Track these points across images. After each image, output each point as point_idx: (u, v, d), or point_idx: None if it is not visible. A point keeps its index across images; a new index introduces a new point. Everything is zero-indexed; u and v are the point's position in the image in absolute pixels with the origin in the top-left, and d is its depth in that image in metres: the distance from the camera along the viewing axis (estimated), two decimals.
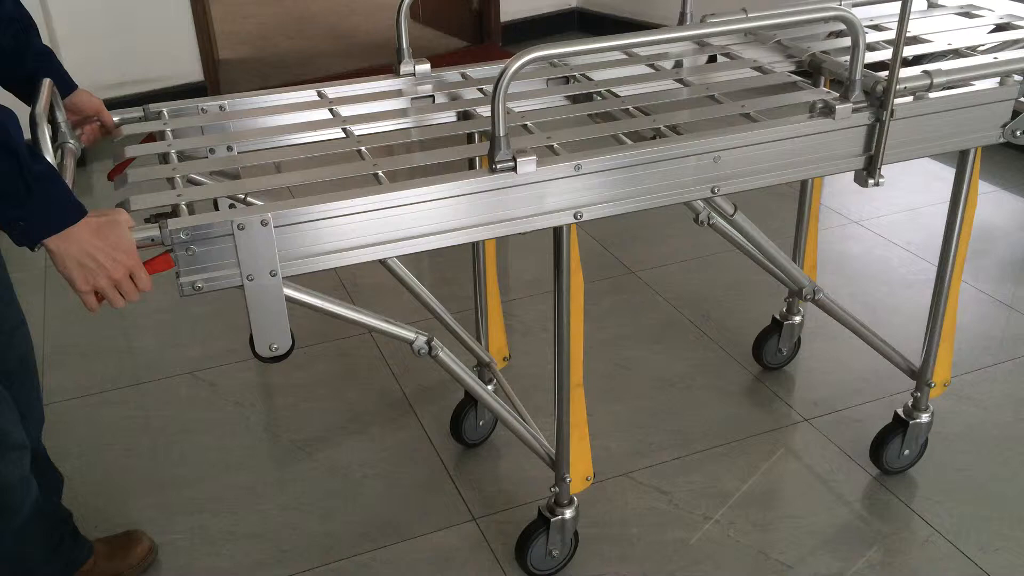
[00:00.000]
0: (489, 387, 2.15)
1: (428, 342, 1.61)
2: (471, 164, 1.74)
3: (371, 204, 1.35)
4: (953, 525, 1.97)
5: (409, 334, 1.60)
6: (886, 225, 3.21)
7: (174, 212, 1.32)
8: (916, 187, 3.44)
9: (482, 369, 2.15)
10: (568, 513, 1.82)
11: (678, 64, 1.88)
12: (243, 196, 1.48)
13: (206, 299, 2.88)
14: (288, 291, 1.38)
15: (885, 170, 1.62)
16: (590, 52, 1.45)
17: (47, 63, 1.53)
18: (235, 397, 2.50)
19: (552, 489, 1.81)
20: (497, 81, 1.32)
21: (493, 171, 1.40)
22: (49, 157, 1.31)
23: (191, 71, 4.44)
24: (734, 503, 2.07)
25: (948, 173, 3.49)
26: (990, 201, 3.33)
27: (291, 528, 2.05)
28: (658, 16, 4.98)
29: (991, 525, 1.97)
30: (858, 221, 3.25)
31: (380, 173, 1.42)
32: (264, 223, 1.29)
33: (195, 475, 2.22)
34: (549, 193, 1.44)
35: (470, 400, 2.19)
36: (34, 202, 1.20)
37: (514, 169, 1.40)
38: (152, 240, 1.26)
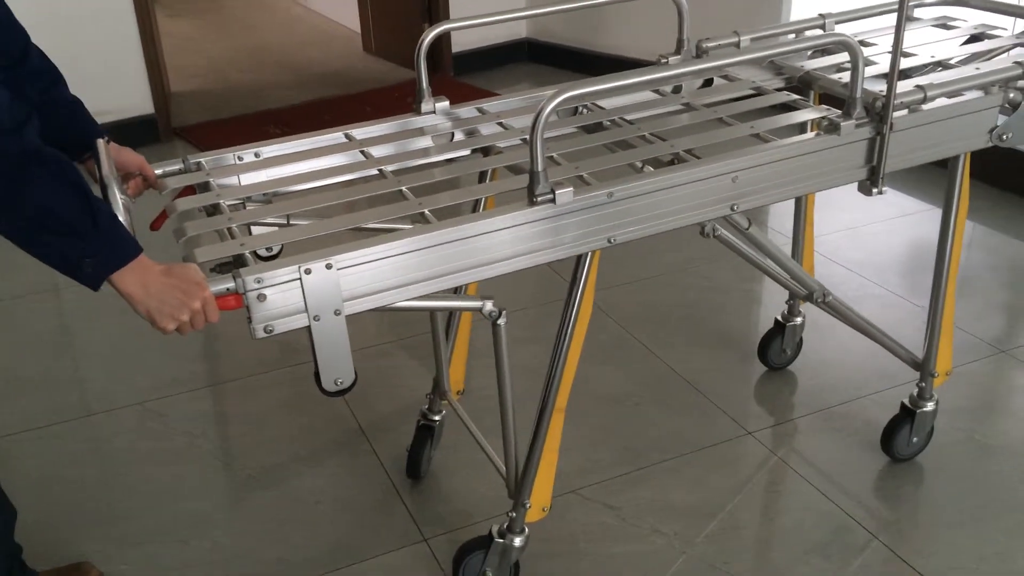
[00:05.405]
0: (437, 417, 2.16)
1: (499, 309, 1.65)
2: (475, 207, 1.80)
3: (424, 243, 1.42)
4: (892, 536, 2.01)
5: (476, 303, 1.65)
6: (827, 244, 3.23)
7: (237, 261, 1.37)
8: (855, 207, 3.48)
9: (435, 397, 2.15)
10: (518, 541, 1.82)
11: (676, 89, 1.98)
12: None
13: (152, 330, 2.84)
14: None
15: (830, 192, 1.70)
16: (621, 89, 1.54)
17: (76, 114, 1.57)
18: (185, 427, 2.48)
19: (509, 514, 1.81)
20: (534, 121, 1.40)
21: (533, 203, 1.47)
22: (121, 216, 1.36)
23: (141, 104, 4.43)
24: (682, 516, 2.09)
25: (889, 193, 3.59)
26: (929, 220, 3.37)
27: (243, 556, 2.04)
28: (604, 44, 5.03)
29: (934, 533, 2.01)
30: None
31: (427, 212, 1.49)
32: (328, 267, 1.35)
33: (145, 506, 2.21)
34: (584, 221, 1.53)
35: (427, 435, 2.19)
36: (100, 236, 1.25)
37: (553, 200, 1.48)
38: (228, 291, 1.31)
